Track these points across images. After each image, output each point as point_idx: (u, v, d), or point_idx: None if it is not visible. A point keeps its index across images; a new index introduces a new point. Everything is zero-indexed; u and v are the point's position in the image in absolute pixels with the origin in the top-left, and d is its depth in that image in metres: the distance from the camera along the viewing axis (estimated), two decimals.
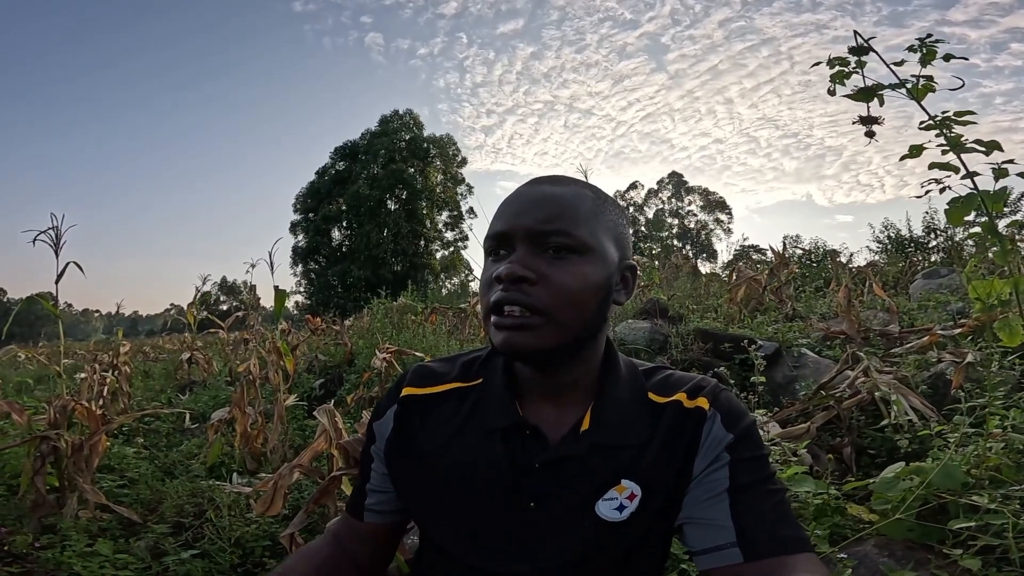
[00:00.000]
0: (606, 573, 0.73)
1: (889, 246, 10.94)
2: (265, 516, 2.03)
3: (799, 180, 69.70)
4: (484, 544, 0.74)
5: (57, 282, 2.39)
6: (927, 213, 10.46)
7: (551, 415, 0.76)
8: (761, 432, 2.07)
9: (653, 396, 0.77)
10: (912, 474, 1.42)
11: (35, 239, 2.29)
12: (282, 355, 3.31)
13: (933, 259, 8.97)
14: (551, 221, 0.71)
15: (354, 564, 0.86)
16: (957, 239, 8.57)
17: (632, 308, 4.87)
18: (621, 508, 0.71)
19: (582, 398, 0.77)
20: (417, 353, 3.72)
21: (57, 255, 2.34)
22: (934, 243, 10.52)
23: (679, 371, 0.81)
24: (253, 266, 4.61)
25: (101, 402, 3.63)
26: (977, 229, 1.30)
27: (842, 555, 1.19)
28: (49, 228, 2.31)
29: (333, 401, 2.10)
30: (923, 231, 10.73)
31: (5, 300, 62.00)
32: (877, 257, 10.21)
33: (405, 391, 0.83)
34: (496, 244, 0.74)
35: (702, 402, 0.74)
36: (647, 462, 0.73)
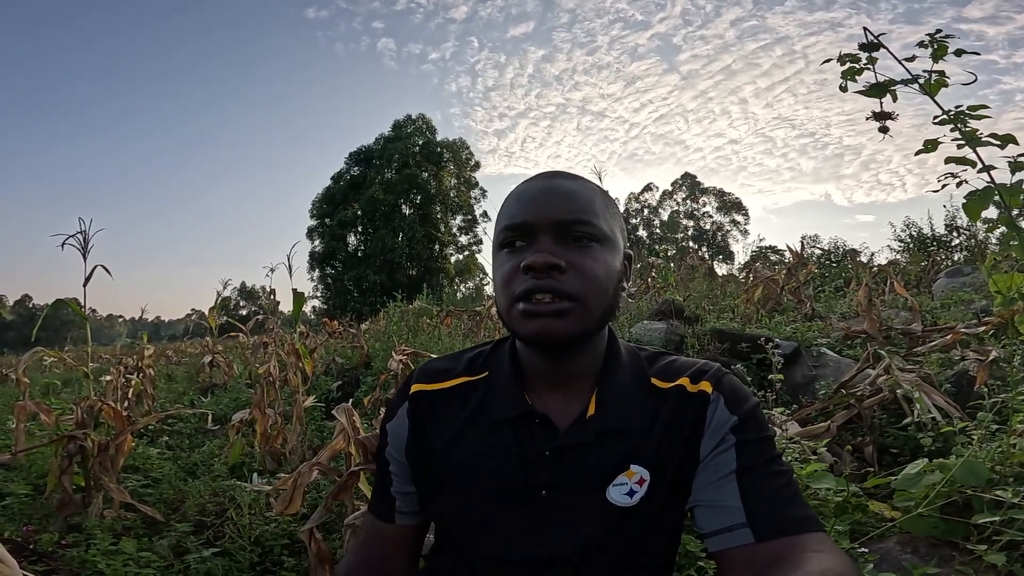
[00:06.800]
0: (621, 558, 0.74)
1: (911, 245, 10.77)
2: (284, 515, 2.06)
3: (817, 180, 68.73)
4: (499, 534, 0.75)
5: (85, 285, 2.45)
6: (946, 208, 10.30)
7: (558, 404, 0.77)
8: (780, 431, 2.06)
9: (656, 381, 0.78)
10: (935, 470, 1.40)
11: (64, 243, 2.35)
12: (300, 358, 3.35)
13: (956, 257, 8.81)
14: (576, 212, 0.73)
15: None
16: (980, 237, 8.39)
17: (648, 309, 4.85)
18: (631, 493, 0.72)
19: (587, 386, 0.78)
20: (432, 355, 3.74)
21: (85, 259, 2.40)
22: (957, 241, 10.33)
23: (682, 357, 0.82)
24: (272, 271, 4.69)
25: (126, 404, 3.71)
26: (997, 224, 1.28)
27: (863, 550, 1.18)
28: (77, 232, 2.37)
29: (350, 402, 2.12)
30: (945, 229, 10.55)
31: (31, 305, 63.55)
32: (898, 256, 10.05)
33: (414, 388, 0.84)
34: (515, 235, 0.75)
35: (705, 386, 0.75)
36: (653, 447, 0.73)
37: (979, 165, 1.24)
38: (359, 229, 32.41)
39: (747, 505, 0.67)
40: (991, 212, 1.27)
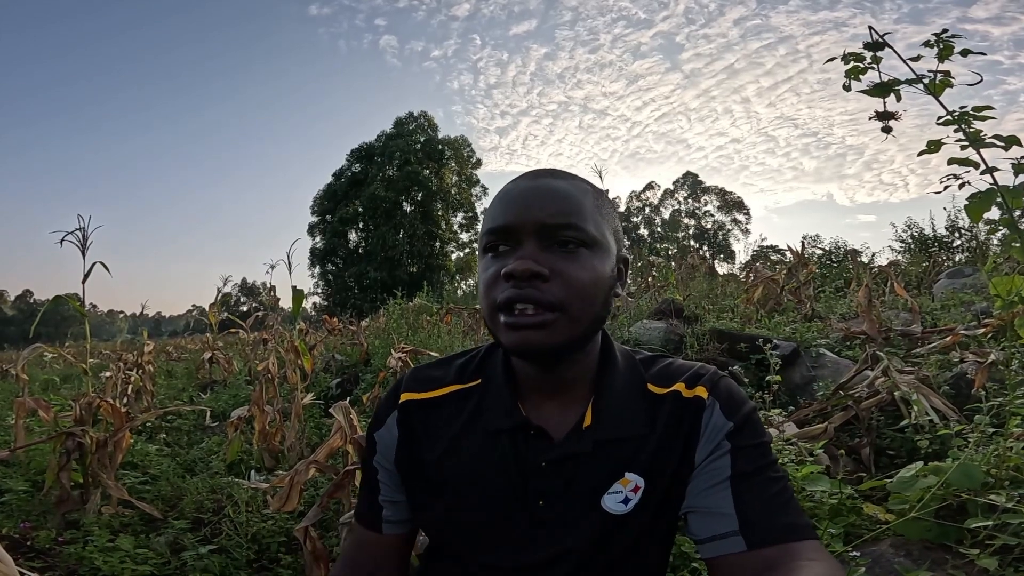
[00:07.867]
0: (614, 563, 0.73)
1: (912, 245, 10.75)
2: (281, 512, 2.07)
3: (819, 179, 68.67)
4: (494, 543, 0.74)
5: (84, 282, 2.45)
6: (946, 210, 10.28)
7: (553, 413, 0.76)
8: (777, 432, 2.06)
9: (652, 387, 0.76)
10: (930, 473, 1.40)
11: (63, 240, 2.35)
12: (300, 355, 3.36)
13: (957, 258, 8.80)
14: (562, 215, 0.69)
15: None
16: (982, 238, 8.37)
17: (647, 308, 4.85)
18: (626, 501, 0.71)
19: (582, 394, 0.76)
20: (432, 353, 3.74)
21: (84, 255, 2.40)
22: (958, 242, 10.32)
23: (678, 360, 0.80)
24: (272, 267, 4.68)
25: (125, 400, 3.72)
26: (998, 226, 1.28)
27: (855, 554, 1.18)
28: (76, 229, 2.37)
29: (349, 400, 2.12)
30: (947, 230, 10.53)
31: (32, 301, 63.65)
32: (900, 257, 10.03)
33: (404, 396, 0.81)
34: (498, 239, 0.71)
35: (701, 391, 0.73)
36: (649, 454, 0.72)
37: (982, 167, 1.23)
38: (360, 226, 32.44)
39: (740, 512, 0.66)
40: (993, 213, 1.26)
